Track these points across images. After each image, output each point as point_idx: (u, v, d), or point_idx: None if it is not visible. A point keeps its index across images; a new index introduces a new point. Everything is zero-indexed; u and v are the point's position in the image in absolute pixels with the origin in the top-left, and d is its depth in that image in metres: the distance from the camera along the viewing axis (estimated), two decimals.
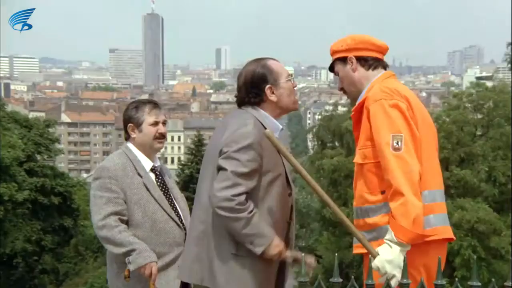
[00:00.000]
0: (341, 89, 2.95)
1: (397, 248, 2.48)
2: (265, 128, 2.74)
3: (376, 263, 2.44)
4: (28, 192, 23.79)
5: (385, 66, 2.87)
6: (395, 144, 2.57)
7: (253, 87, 2.80)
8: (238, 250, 2.69)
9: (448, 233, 2.75)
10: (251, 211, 2.63)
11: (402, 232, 2.46)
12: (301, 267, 2.02)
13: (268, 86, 2.79)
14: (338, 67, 2.89)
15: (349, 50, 2.84)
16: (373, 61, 2.83)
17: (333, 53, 2.91)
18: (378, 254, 2.50)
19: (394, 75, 2.86)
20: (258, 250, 2.63)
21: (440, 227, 2.68)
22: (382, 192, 2.65)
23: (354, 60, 2.83)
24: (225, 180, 2.62)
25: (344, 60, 2.85)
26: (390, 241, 2.51)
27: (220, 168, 2.68)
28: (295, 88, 2.89)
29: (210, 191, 2.70)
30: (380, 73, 2.83)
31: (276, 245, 2.65)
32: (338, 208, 2.66)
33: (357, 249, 2.71)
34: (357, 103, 2.83)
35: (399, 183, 2.52)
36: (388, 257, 2.45)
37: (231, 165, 2.64)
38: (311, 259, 2.71)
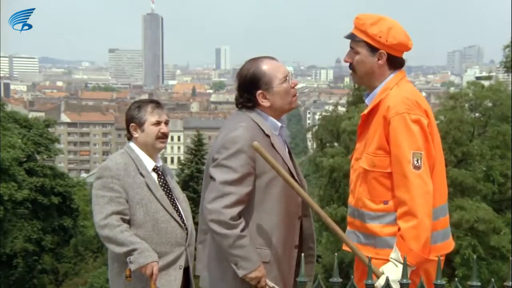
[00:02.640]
0: (350, 64, 2.75)
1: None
2: (262, 130, 2.72)
3: (380, 282, 2.40)
4: (27, 191, 23.77)
5: (403, 65, 2.76)
6: (415, 162, 2.52)
7: (245, 92, 2.76)
8: None
9: (447, 248, 2.73)
10: (243, 229, 2.61)
11: (410, 255, 2.43)
12: (301, 267, 2.02)
13: (259, 92, 2.73)
14: (362, 49, 2.69)
15: (386, 46, 2.66)
16: (400, 64, 2.73)
17: (364, 32, 2.68)
18: (383, 273, 2.48)
19: (405, 75, 2.77)
20: (241, 272, 2.62)
21: (439, 244, 2.66)
22: (384, 202, 2.62)
23: (385, 58, 2.68)
24: (214, 191, 2.62)
25: (373, 48, 2.67)
26: (396, 260, 2.50)
27: (211, 177, 2.68)
28: (294, 88, 2.81)
29: (202, 202, 2.70)
30: (395, 72, 2.73)
31: (257, 276, 2.64)
32: (330, 219, 2.65)
33: (347, 247, 2.69)
34: (370, 104, 2.73)
35: (416, 204, 2.49)
36: (393, 276, 2.40)
37: (221, 173, 2.63)
38: None
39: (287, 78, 2.76)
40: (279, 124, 2.81)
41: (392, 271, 2.48)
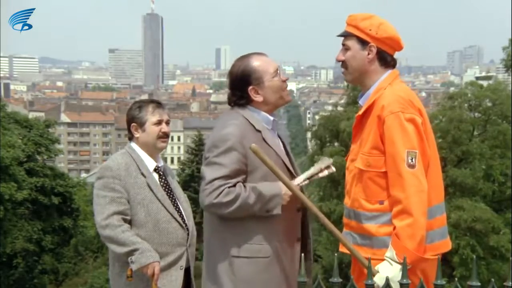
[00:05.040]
0: (342, 63, 2.76)
1: (397, 266, 2.46)
2: (254, 127, 2.73)
3: (376, 280, 2.39)
4: (28, 192, 23.75)
5: (395, 66, 2.77)
6: (409, 160, 2.52)
7: (237, 89, 2.77)
8: (240, 252, 2.70)
9: (444, 247, 2.73)
10: (245, 188, 2.63)
11: (405, 254, 2.39)
12: (301, 267, 2.02)
13: (251, 87, 2.74)
14: (353, 44, 2.70)
15: (375, 39, 2.67)
16: (391, 61, 2.73)
17: (355, 27, 2.70)
18: (378, 272, 2.49)
19: (398, 75, 2.77)
20: (277, 211, 2.66)
21: (436, 243, 2.67)
22: (380, 202, 2.62)
23: (375, 51, 2.68)
24: (205, 189, 2.64)
25: (363, 42, 2.68)
26: (391, 259, 2.50)
27: (202, 175, 2.69)
28: (285, 82, 2.82)
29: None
30: (388, 71, 2.73)
31: (287, 194, 2.67)
32: (328, 221, 2.65)
33: (344, 249, 2.69)
34: (364, 104, 2.73)
35: (411, 202, 2.49)
36: (388, 274, 2.40)
37: (211, 171, 2.64)
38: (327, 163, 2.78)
39: (278, 72, 2.78)
40: (271, 118, 2.82)
41: (387, 269, 2.48)
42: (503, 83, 21.01)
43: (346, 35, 2.74)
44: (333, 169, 2.81)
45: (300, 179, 2.74)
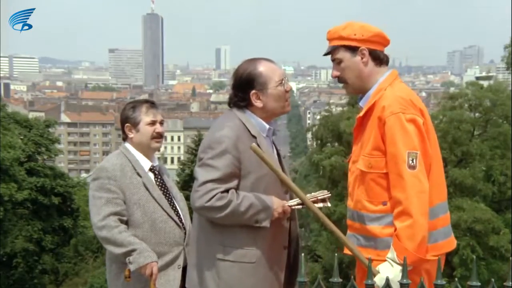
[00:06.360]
0: (339, 78, 2.75)
1: (398, 268, 2.46)
2: (249, 131, 2.72)
3: (376, 281, 2.39)
4: (28, 192, 23.76)
5: (388, 61, 2.77)
6: (410, 161, 2.51)
7: (239, 91, 2.77)
8: (225, 255, 2.70)
9: (448, 246, 2.73)
10: (237, 196, 2.64)
11: (406, 255, 2.37)
12: (301, 268, 2.01)
13: (253, 92, 2.73)
14: (344, 55, 2.69)
15: (363, 41, 2.66)
16: (384, 58, 2.73)
17: (339, 38, 2.70)
18: (379, 272, 2.48)
19: (397, 75, 2.77)
20: (267, 223, 2.66)
21: (440, 242, 2.66)
22: (383, 203, 2.61)
23: (367, 53, 2.68)
24: (197, 191, 2.64)
25: (352, 49, 2.67)
26: (392, 260, 2.49)
27: (195, 176, 2.69)
28: (289, 91, 2.81)
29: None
30: (384, 70, 2.72)
31: (279, 212, 2.69)
32: (329, 221, 2.64)
33: (347, 250, 2.68)
34: (364, 106, 2.72)
35: (411, 203, 2.48)
36: (388, 275, 2.37)
37: (204, 172, 2.64)
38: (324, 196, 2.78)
39: (283, 81, 2.76)
40: (267, 126, 2.81)
41: (387, 270, 2.47)
42: (504, 83, 21.00)
43: (333, 49, 2.73)
44: (329, 204, 2.82)
45: (292, 202, 2.74)
